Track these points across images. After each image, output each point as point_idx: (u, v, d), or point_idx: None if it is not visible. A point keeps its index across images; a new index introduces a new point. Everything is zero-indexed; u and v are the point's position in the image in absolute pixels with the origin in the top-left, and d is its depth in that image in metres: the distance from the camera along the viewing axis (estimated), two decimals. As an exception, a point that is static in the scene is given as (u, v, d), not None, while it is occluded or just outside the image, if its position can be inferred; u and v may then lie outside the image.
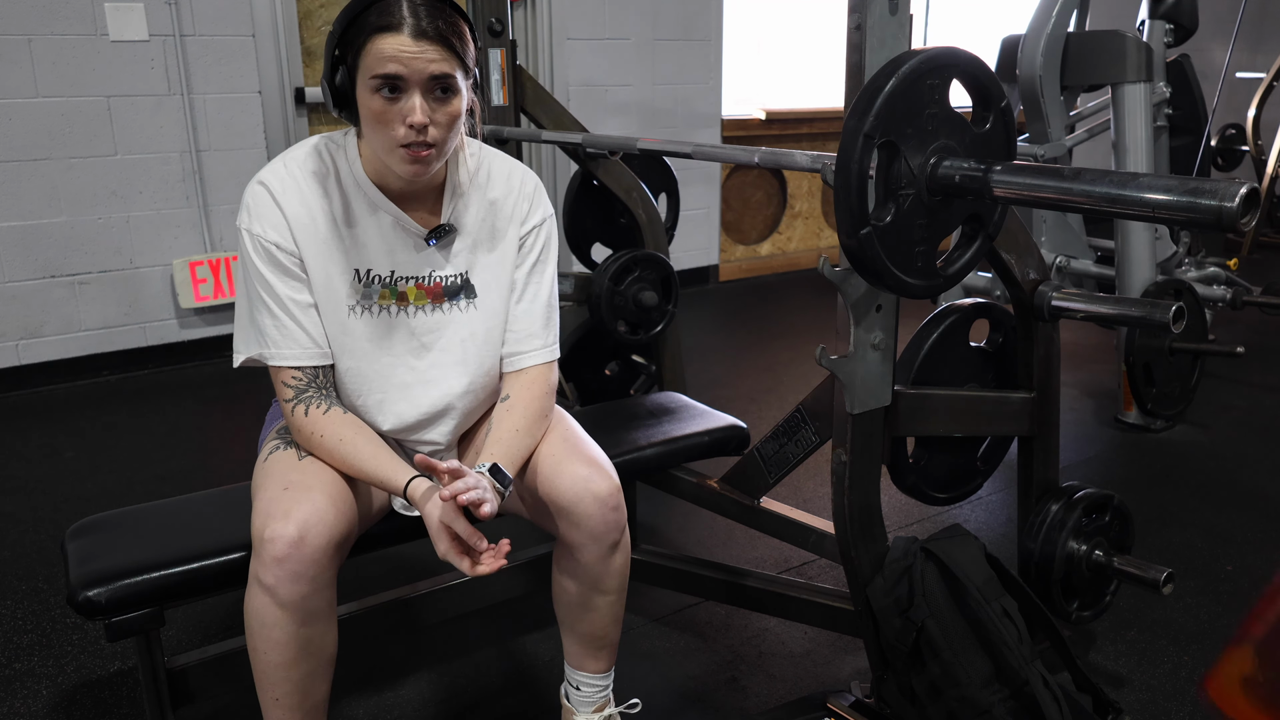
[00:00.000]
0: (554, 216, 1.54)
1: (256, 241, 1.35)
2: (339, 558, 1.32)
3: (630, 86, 4.69)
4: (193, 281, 3.71)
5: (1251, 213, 1.01)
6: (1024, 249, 1.65)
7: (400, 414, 1.46)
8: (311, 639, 1.30)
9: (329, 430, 1.37)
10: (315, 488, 1.32)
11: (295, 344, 1.38)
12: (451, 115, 1.30)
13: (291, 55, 3.84)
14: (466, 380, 1.48)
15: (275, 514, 1.26)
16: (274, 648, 1.29)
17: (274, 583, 1.24)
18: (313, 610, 1.28)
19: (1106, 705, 1.64)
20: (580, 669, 1.56)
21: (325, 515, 1.28)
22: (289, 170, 1.37)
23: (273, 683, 1.32)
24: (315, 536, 1.25)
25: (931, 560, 1.54)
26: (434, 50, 1.26)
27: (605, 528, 1.40)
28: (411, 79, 1.26)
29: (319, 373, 1.40)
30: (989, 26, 5.99)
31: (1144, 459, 2.91)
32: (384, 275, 1.41)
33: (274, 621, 1.27)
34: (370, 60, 1.25)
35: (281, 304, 1.36)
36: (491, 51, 2.47)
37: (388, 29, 1.25)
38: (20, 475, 2.82)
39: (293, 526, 1.24)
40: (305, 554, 1.25)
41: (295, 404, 1.39)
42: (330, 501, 1.30)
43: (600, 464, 1.43)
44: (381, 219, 1.40)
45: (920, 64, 1.24)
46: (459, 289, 1.46)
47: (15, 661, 1.94)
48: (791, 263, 5.55)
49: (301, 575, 1.25)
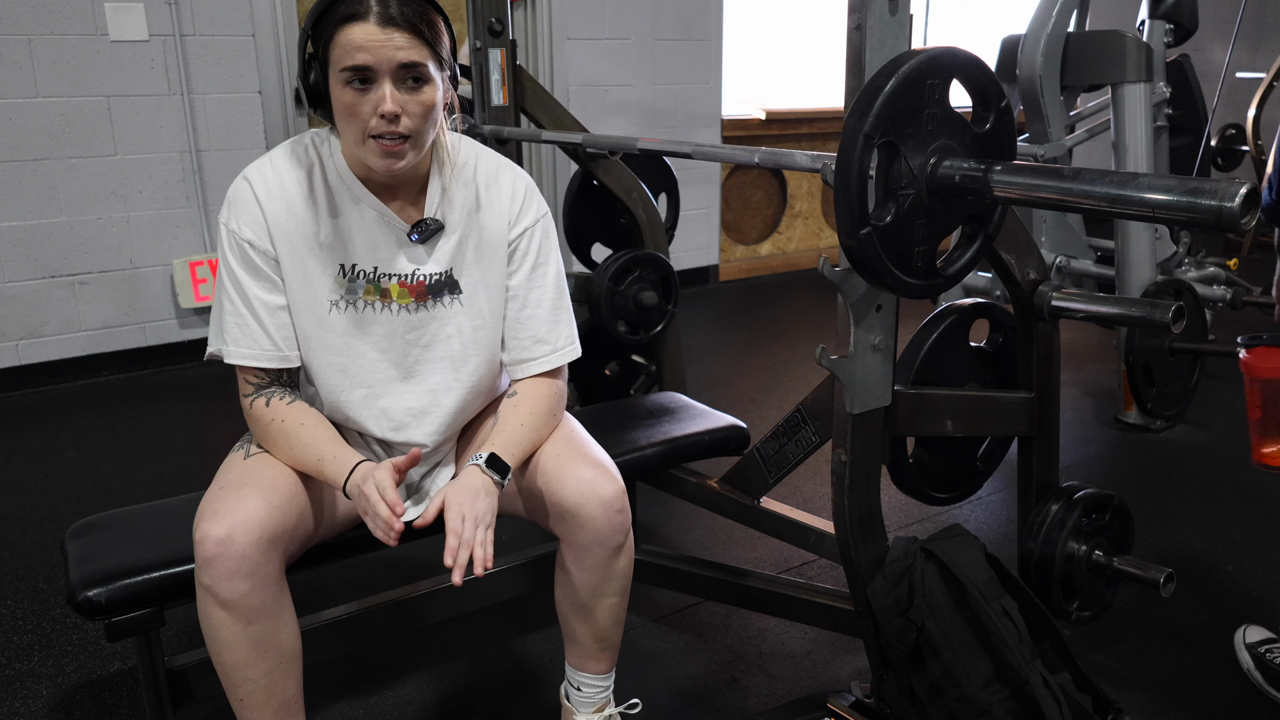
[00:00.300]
0: (549, 215, 1.52)
1: (232, 238, 1.36)
2: (276, 553, 1.29)
3: (630, 86, 4.69)
4: (192, 281, 3.71)
5: (1251, 213, 1.01)
6: (1024, 249, 1.65)
7: (385, 410, 1.45)
8: (263, 636, 1.30)
9: (290, 416, 1.38)
10: (249, 484, 1.32)
11: (255, 344, 1.38)
12: (424, 105, 1.29)
13: (291, 55, 3.84)
14: (451, 377, 1.48)
15: (205, 514, 1.27)
16: (225, 648, 1.29)
17: (211, 583, 1.25)
18: (257, 607, 1.28)
19: (1106, 705, 1.64)
20: (582, 670, 1.55)
21: (255, 512, 1.27)
22: (275, 167, 1.37)
23: (234, 683, 1.32)
24: (243, 534, 1.25)
25: (931, 560, 1.54)
26: (402, 37, 1.25)
27: (610, 530, 1.39)
28: (380, 68, 1.25)
29: (282, 374, 1.41)
30: (989, 26, 5.99)
31: (1144, 459, 2.91)
32: (368, 270, 1.41)
33: (219, 622, 1.27)
34: (339, 52, 1.25)
35: (248, 302, 1.37)
36: (491, 51, 2.47)
37: (354, 18, 1.24)
38: (20, 475, 2.82)
39: (221, 526, 1.25)
40: (235, 551, 1.24)
41: (255, 397, 1.40)
42: (263, 497, 1.30)
43: (605, 466, 1.43)
44: (365, 213, 1.39)
45: (920, 64, 1.24)
46: (443, 286, 1.45)
47: (15, 661, 1.94)
48: (791, 263, 5.54)
49: (235, 573, 1.24)
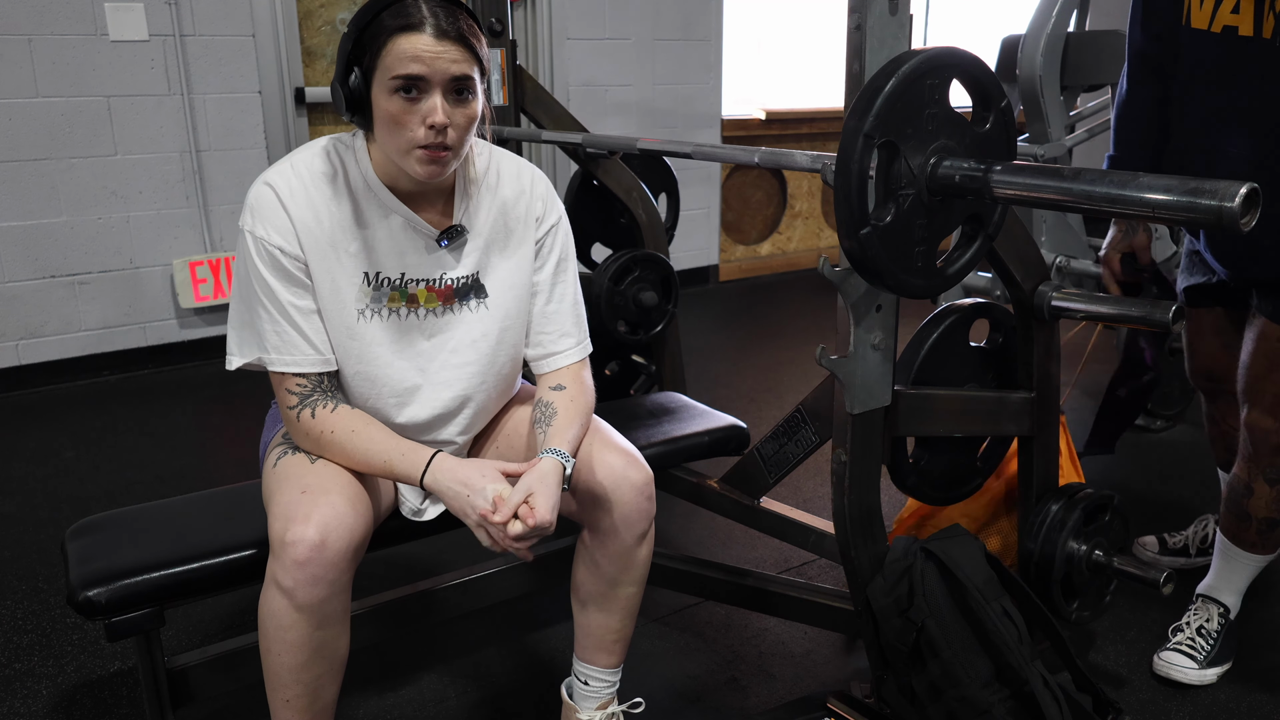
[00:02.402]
0: (565, 214, 1.55)
1: (260, 244, 1.33)
2: (356, 561, 1.31)
3: (630, 86, 4.69)
4: (193, 281, 3.71)
5: (1252, 213, 1.01)
6: (1024, 249, 1.65)
7: (413, 416, 1.46)
8: (326, 642, 1.30)
9: (339, 425, 1.36)
10: (333, 490, 1.31)
11: (296, 350, 1.36)
12: (469, 117, 1.30)
13: (291, 55, 3.84)
14: (478, 380, 1.48)
15: (296, 517, 1.25)
16: (288, 650, 1.28)
17: (293, 586, 1.24)
18: (329, 614, 1.28)
19: (1106, 705, 1.64)
20: (592, 663, 1.56)
21: (345, 518, 1.27)
22: (296, 172, 1.35)
23: (284, 684, 1.31)
24: (336, 540, 1.25)
25: (931, 560, 1.54)
26: (456, 50, 1.25)
27: (638, 515, 1.43)
28: (434, 79, 1.25)
29: (323, 378, 1.39)
30: (989, 26, 5.99)
31: (1144, 459, 2.91)
32: (394, 278, 1.40)
33: (290, 624, 1.26)
34: (391, 60, 1.24)
35: (283, 309, 1.35)
36: (491, 51, 2.47)
37: (409, 29, 1.24)
38: (20, 475, 2.82)
39: (314, 530, 1.24)
40: (327, 557, 1.24)
41: (300, 409, 1.37)
42: (349, 504, 1.30)
43: (633, 454, 1.46)
44: (392, 221, 1.39)
45: (920, 64, 1.24)
46: (469, 290, 1.45)
47: (15, 661, 1.94)
48: (791, 263, 5.54)
49: (321, 579, 1.24)
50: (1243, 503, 1.81)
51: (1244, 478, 1.80)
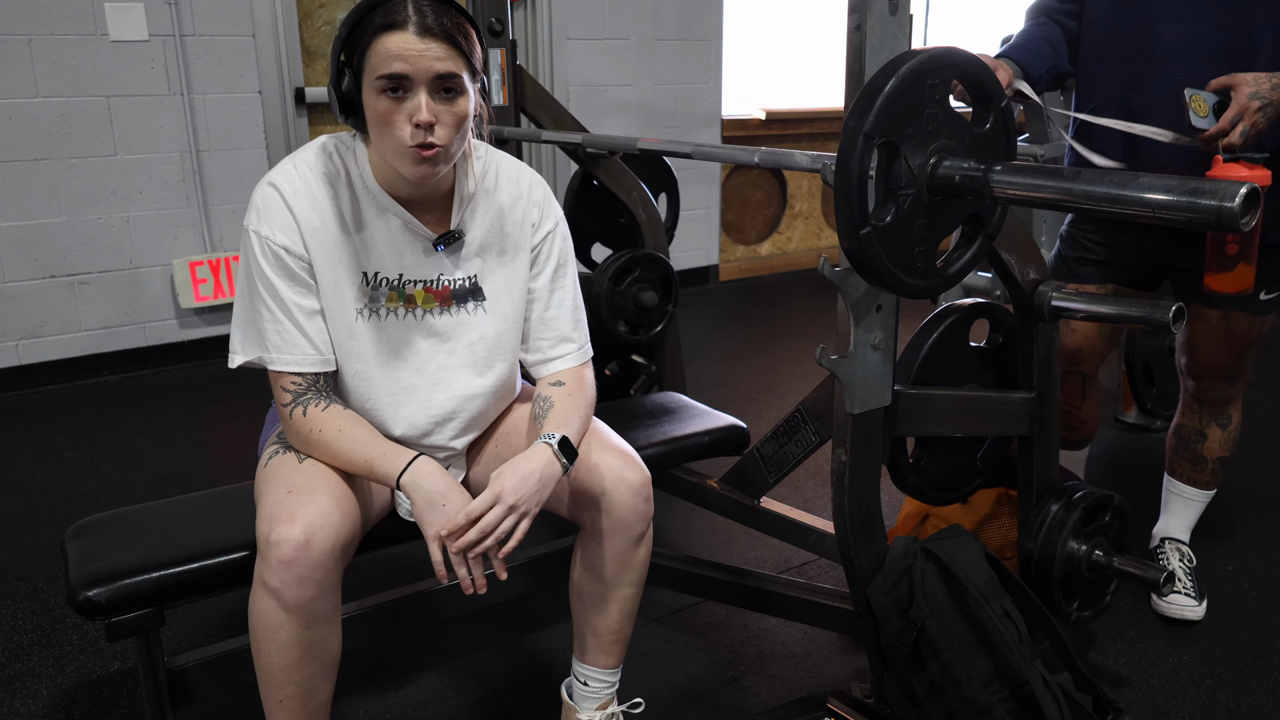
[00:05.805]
0: (564, 219, 1.55)
1: (265, 244, 1.33)
2: (344, 560, 1.31)
3: (630, 86, 4.69)
4: (193, 281, 3.72)
5: (1252, 213, 1.01)
6: (1024, 249, 1.65)
7: (410, 418, 1.46)
8: (316, 641, 1.30)
9: (327, 424, 1.37)
10: (319, 490, 1.31)
11: (296, 349, 1.37)
12: (458, 116, 1.29)
13: (291, 55, 3.84)
14: (475, 383, 1.48)
15: (280, 517, 1.25)
16: (278, 650, 1.28)
17: (280, 586, 1.24)
18: (318, 613, 1.28)
19: (1106, 705, 1.64)
20: (591, 664, 1.56)
21: (330, 518, 1.27)
22: (299, 172, 1.36)
23: (277, 685, 1.31)
24: (321, 539, 1.25)
25: (931, 560, 1.54)
26: (440, 48, 1.25)
27: (635, 517, 1.43)
28: (417, 77, 1.25)
29: (319, 378, 1.40)
30: (989, 26, 5.99)
31: (1144, 459, 2.91)
32: (392, 278, 1.41)
33: (279, 624, 1.27)
34: (375, 60, 1.25)
35: (285, 309, 1.35)
36: (491, 51, 2.47)
37: (392, 27, 1.24)
38: (20, 475, 2.82)
39: (298, 529, 1.24)
40: (311, 557, 1.24)
41: (293, 407, 1.38)
42: (335, 504, 1.30)
43: (631, 455, 1.46)
44: (390, 222, 1.39)
45: (920, 64, 1.24)
46: (467, 293, 1.46)
47: (15, 661, 1.94)
48: (791, 263, 5.55)
49: (307, 578, 1.24)
50: (1197, 447, 2.09)
51: (1195, 426, 2.08)
